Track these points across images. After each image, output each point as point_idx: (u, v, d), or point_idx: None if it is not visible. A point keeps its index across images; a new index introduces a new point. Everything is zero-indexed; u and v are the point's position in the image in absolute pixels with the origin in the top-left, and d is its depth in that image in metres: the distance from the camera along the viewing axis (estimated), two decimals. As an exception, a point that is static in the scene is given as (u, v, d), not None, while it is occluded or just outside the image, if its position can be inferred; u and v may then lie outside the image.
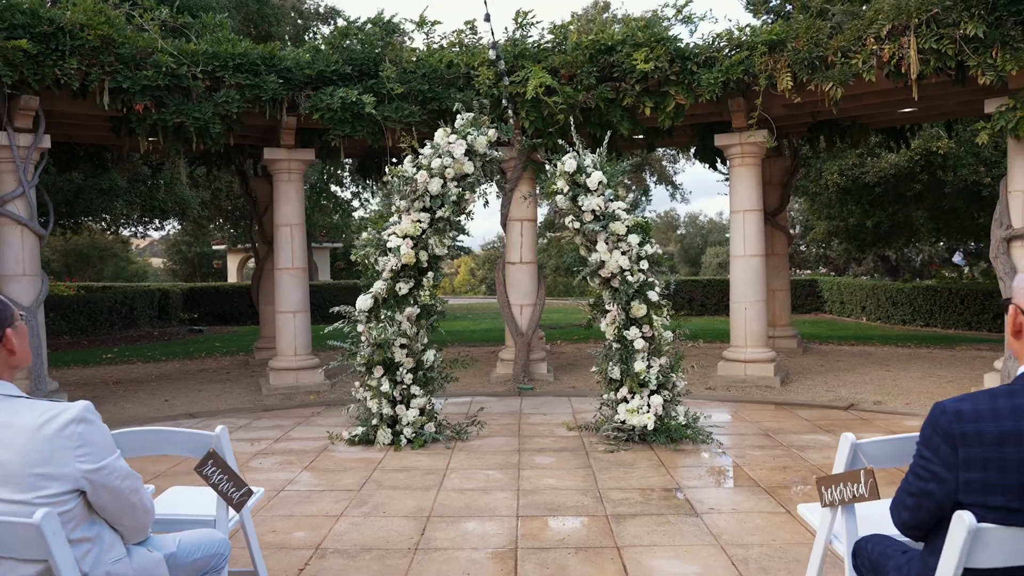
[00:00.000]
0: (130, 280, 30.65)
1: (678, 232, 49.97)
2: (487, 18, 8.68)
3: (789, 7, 17.24)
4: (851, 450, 2.43)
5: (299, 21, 24.21)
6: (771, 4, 18.07)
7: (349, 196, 25.86)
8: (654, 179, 29.12)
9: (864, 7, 7.66)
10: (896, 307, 16.86)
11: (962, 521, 1.64)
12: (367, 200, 29.43)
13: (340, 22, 28.91)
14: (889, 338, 13.24)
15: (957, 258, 25.06)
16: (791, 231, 32.97)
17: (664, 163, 29.03)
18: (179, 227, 26.99)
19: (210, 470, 2.76)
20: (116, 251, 31.01)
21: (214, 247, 32.36)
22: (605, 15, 32.60)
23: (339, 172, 23.14)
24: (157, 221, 19.32)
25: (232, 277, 31.66)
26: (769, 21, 18.31)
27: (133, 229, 20.57)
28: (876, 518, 2.56)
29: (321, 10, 25.85)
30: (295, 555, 3.77)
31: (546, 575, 3.49)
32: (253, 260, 36.47)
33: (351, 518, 4.32)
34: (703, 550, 3.76)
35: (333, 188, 24.67)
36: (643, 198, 31.86)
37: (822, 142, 10.34)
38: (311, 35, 25.46)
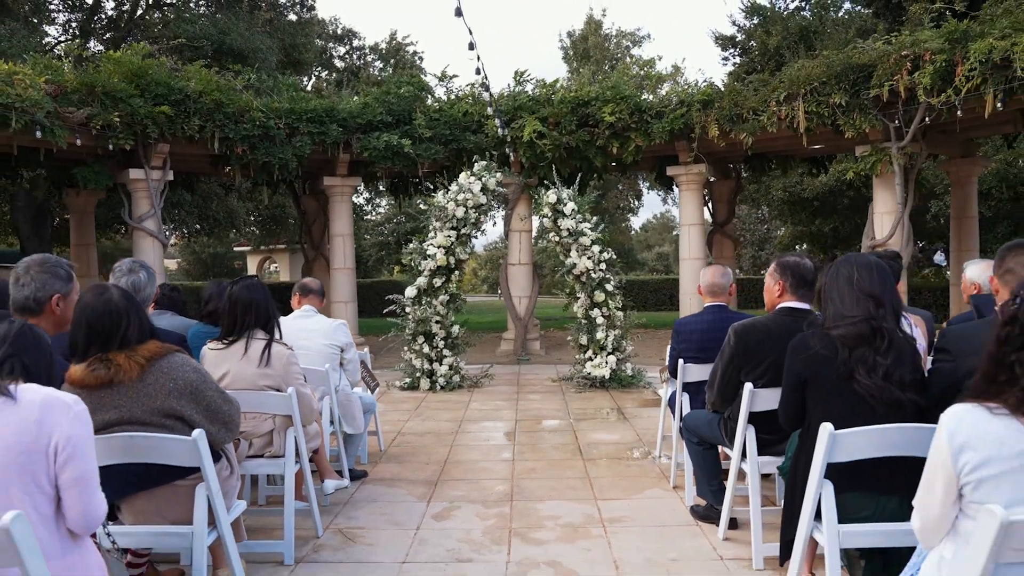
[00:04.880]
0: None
1: (673, 233, 52.72)
2: (478, 71, 11.21)
3: (753, 43, 20.01)
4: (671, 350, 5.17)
5: (318, 42, 27.03)
6: (736, 39, 20.82)
7: (362, 201, 28.73)
8: (647, 184, 31.60)
9: (772, 76, 10.39)
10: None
11: (680, 363, 4.36)
12: (378, 204, 32.31)
13: (356, 42, 31.28)
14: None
15: (939, 258, 27.15)
16: (781, 232, 35.56)
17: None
18: (199, 229, 29.49)
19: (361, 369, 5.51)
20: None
21: (235, 248, 35.09)
22: (600, 31, 35.32)
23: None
24: (208, 227, 22.07)
25: (253, 276, 34.38)
26: (736, 54, 21.06)
27: (186, 233, 23.38)
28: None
29: (339, 31, 28.87)
30: (387, 435, 6.48)
31: (532, 441, 6.23)
32: (270, 262, 38.57)
33: (414, 421, 7.06)
34: (624, 431, 6.50)
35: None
36: (636, 201, 34.57)
37: (755, 169, 13.09)
38: (328, 55, 28.47)
